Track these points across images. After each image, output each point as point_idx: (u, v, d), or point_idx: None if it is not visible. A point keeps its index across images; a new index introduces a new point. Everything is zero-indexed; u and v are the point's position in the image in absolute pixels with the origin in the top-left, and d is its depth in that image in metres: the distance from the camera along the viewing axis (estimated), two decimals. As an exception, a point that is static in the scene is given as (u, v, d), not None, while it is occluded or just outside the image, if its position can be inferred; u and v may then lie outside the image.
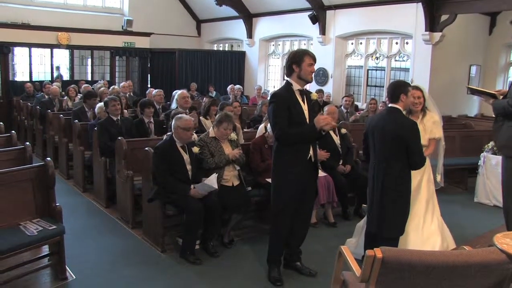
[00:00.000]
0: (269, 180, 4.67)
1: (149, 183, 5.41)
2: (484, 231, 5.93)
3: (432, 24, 10.85)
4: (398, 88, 4.42)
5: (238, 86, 13.25)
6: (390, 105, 4.49)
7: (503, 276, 2.39)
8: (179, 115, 5.39)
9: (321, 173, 6.08)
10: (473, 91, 4.76)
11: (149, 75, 16.87)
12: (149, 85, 15.72)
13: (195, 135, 5.85)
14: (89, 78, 15.61)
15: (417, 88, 5.12)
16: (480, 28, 12.30)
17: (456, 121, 11.35)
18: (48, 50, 14.91)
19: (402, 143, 4.26)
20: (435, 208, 5.23)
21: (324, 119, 4.23)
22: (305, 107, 4.36)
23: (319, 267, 4.80)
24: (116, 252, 5.30)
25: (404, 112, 4.47)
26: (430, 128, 5.10)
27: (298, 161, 4.36)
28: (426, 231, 5.04)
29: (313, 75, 4.44)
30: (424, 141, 5.06)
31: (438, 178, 5.48)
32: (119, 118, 7.14)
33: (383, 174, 4.44)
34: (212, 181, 5.11)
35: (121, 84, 11.80)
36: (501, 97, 4.52)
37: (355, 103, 11.63)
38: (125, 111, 8.50)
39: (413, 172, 4.94)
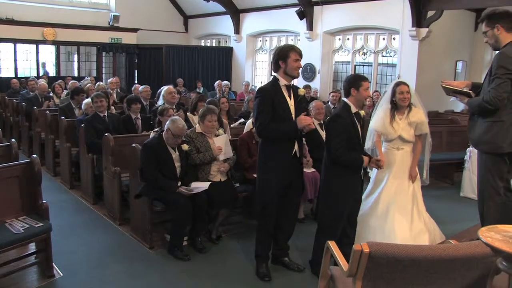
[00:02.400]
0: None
1: (137, 179, 5.40)
2: (470, 225, 5.99)
3: (419, 20, 10.91)
4: (349, 82, 4.49)
5: (225, 82, 13.23)
6: (343, 99, 4.59)
7: (488, 268, 2.42)
8: (175, 117, 5.35)
9: (309, 169, 6.10)
10: (448, 91, 4.74)
11: (136, 71, 16.79)
12: (136, 81, 15.65)
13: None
14: (76, 74, 15.53)
15: (404, 83, 5.15)
16: (465, 24, 12.38)
17: (443, 116, 11.42)
18: (34, 46, 14.79)
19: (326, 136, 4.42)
20: (420, 205, 5.27)
21: (305, 120, 4.26)
22: (291, 103, 4.38)
23: (307, 262, 4.81)
24: (104, 248, 5.28)
25: (354, 107, 4.46)
26: (416, 124, 5.14)
27: (283, 156, 4.38)
28: (415, 229, 5.08)
29: (299, 71, 4.45)
30: (410, 137, 5.11)
31: (424, 175, 5.52)
32: (106, 114, 7.11)
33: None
34: (204, 183, 5.14)
35: (108, 81, 11.72)
36: (474, 95, 4.56)
37: (342, 98, 11.64)
38: (112, 107, 8.46)
39: (395, 171, 5.03)
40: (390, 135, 5.11)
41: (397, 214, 5.05)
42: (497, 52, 4.43)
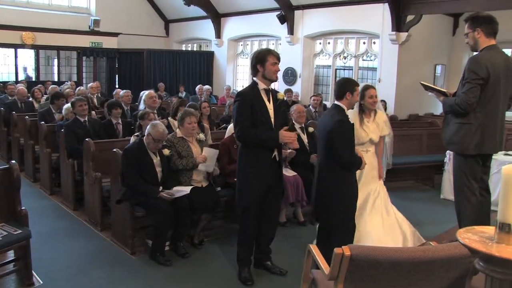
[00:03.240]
0: (238, 180, 4.69)
1: (118, 184, 5.36)
2: (450, 227, 6.06)
3: (399, 24, 11.02)
4: (344, 86, 4.53)
5: (207, 86, 13.24)
6: (335, 102, 4.62)
7: (467, 269, 2.45)
8: (156, 122, 5.34)
9: (290, 173, 6.13)
10: (426, 87, 4.92)
11: (117, 75, 16.70)
12: (116, 86, 15.56)
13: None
14: (56, 79, 15.38)
15: (372, 87, 5.22)
16: (444, 28, 12.55)
17: (423, 119, 11.56)
18: (12, 50, 14.61)
19: (331, 140, 4.39)
20: (388, 202, 5.33)
21: (289, 137, 4.29)
22: (270, 106, 4.40)
23: (289, 266, 4.82)
24: (85, 255, 5.22)
25: (346, 110, 4.53)
26: (382, 126, 5.24)
27: (262, 160, 4.40)
28: (386, 226, 5.15)
29: (278, 74, 4.48)
30: (377, 139, 5.19)
31: (384, 173, 5.62)
32: (86, 119, 7.06)
33: (319, 171, 4.65)
34: (186, 188, 5.14)
35: (89, 85, 11.65)
36: (450, 94, 4.69)
37: (324, 102, 11.72)
38: (93, 112, 8.40)
39: (365, 173, 5.11)
40: (362, 138, 5.12)
41: (369, 215, 5.11)
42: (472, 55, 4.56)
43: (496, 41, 4.50)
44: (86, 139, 6.20)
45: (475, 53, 4.61)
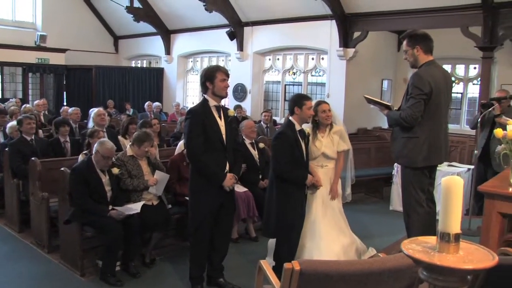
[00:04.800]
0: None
1: (66, 204, 5.23)
2: (399, 237, 6.19)
3: (346, 41, 11.28)
4: (293, 102, 4.83)
5: (156, 103, 13.15)
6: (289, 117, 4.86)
7: (413, 279, 2.52)
8: (103, 139, 5.27)
9: (241, 189, 6.14)
10: (370, 101, 5.04)
11: (65, 92, 16.31)
12: (65, 103, 15.20)
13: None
14: (-1, 96, 14.89)
15: (325, 102, 5.31)
16: (389, 45, 12.91)
17: (371, 133, 11.81)
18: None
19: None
20: (345, 219, 5.40)
21: (231, 183, 4.46)
22: (221, 123, 4.44)
23: (242, 282, 4.82)
24: (31, 279, 5.04)
25: (298, 125, 4.78)
26: (338, 140, 5.29)
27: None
28: (345, 242, 5.20)
29: (227, 90, 4.54)
30: (332, 153, 5.23)
31: (348, 191, 5.68)
32: (33, 137, 6.86)
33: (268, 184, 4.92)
34: (136, 205, 5.08)
35: (35, 102, 11.34)
36: (395, 109, 4.83)
37: (273, 117, 11.81)
38: (40, 130, 8.16)
39: (321, 188, 5.16)
40: (313, 153, 5.16)
41: (327, 230, 5.12)
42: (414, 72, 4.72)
43: (433, 57, 4.69)
44: (32, 158, 6.03)
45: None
